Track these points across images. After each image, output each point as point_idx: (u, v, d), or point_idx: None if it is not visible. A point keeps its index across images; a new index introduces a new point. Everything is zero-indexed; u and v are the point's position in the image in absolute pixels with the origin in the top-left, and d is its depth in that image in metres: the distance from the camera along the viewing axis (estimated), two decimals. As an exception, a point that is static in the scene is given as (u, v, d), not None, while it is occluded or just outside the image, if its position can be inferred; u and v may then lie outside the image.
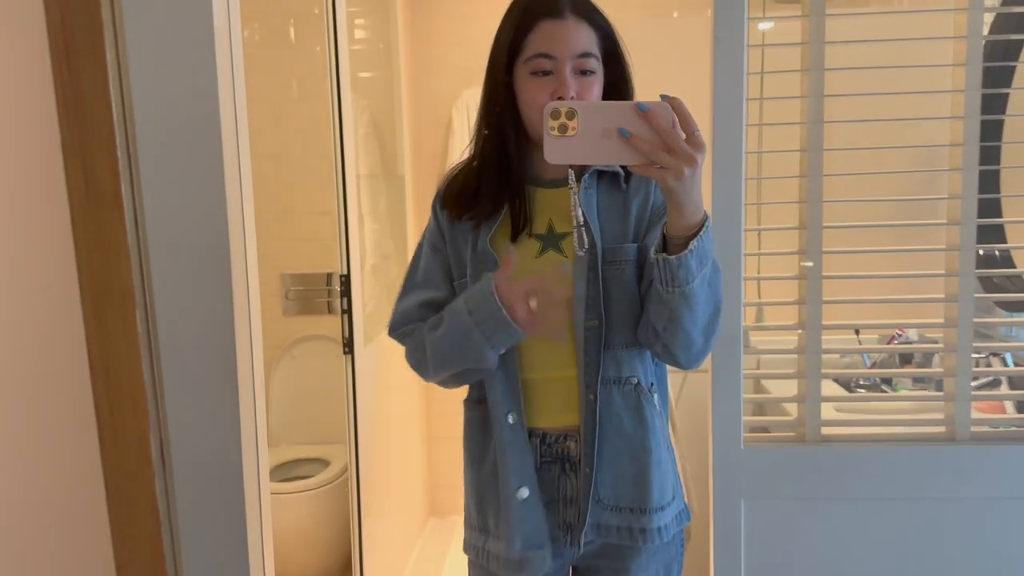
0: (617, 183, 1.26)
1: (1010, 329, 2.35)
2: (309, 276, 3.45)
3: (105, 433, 1.36)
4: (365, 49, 3.28)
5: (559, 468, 1.29)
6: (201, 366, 1.45)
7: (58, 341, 1.37)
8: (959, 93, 1.56)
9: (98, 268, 1.32)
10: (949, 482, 1.59)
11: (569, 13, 1.17)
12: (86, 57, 1.25)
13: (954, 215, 1.59)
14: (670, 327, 1.15)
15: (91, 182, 1.29)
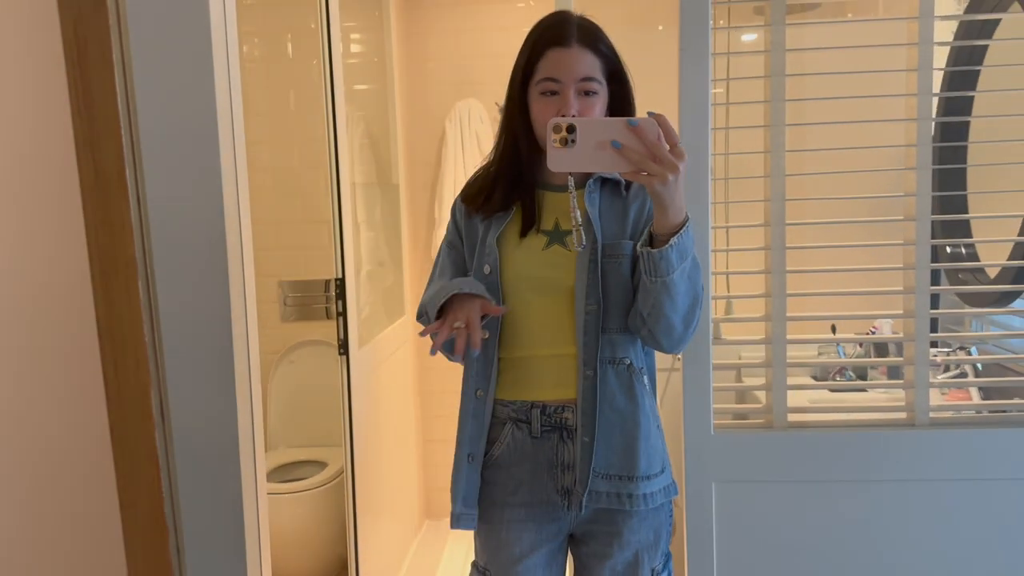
0: (618, 190, 1.44)
1: (982, 324, 2.44)
2: (307, 283, 3.54)
3: (111, 388, 1.54)
4: (360, 62, 3.38)
5: (557, 436, 1.43)
6: (196, 331, 1.61)
7: (69, 306, 1.56)
8: (912, 97, 1.65)
9: (105, 243, 1.51)
10: (909, 465, 1.67)
11: (575, 42, 1.36)
12: (96, 61, 1.44)
13: (910, 212, 1.68)
14: (653, 313, 1.32)
15: (99, 168, 1.48)
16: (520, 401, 1.45)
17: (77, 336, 1.56)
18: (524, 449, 1.45)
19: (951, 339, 2.05)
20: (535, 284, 1.42)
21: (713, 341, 1.68)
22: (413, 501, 3.39)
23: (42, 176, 1.50)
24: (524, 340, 1.45)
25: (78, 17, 1.40)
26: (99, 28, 1.40)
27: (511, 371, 1.47)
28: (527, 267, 1.42)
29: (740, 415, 1.81)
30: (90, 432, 1.58)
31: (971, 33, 2.13)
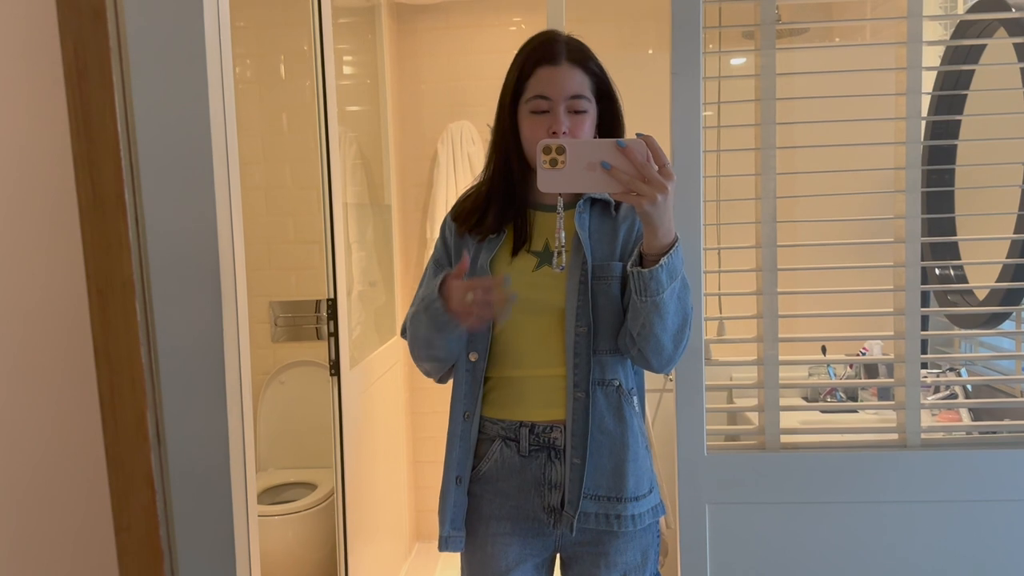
0: (608, 211, 1.45)
1: (971, 345, 2.46)
2: (298, 303, 3.53)
3: (106, 410, 1.53)
4: (353, 84, 3.40)
5: (545, 456, 1.43)
6: (193, 361, 1.60)
7: (66, 326, 1.55)
8: (901, 120, 1.67)
9: (102, 263, 1.50)
10: (901, 486, 1.68)
11: (564, 60, 1.37)
12: (95, 81, 1.45)
13: (900, 234, 1.69)
14: (643, 333, 1.32)
15: (98, 189, 1.48)
16: (509, 420, 1.45)
17: (73, 357, 1.56)
18: (512, 466, 1.45)
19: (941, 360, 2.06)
20: (525, 305, 1.41)
21: (705, 362, 1.69)
22: (403, 523, 3.37)
23: (40, 196, 1.51)
24: (514, 360, 1.44)
25: (78, 37, 1.40)
26: (99, 48, 1.40)
27: (500, 390, 1.46)
28: (517, 288, 1.41)
29: (732, 436, 1.81)
30: (85, 455, 1.57)
31: (957, 58, 2.16)
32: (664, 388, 2.74)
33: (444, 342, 1.41)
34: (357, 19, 3.34)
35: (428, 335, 1.41)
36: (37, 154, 1.49)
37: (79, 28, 1.40)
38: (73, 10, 1.39)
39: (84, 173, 1.46)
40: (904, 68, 1.66)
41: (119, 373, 1.50)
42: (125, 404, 1.51)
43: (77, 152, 1.46)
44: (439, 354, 1.45)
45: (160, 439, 1.57)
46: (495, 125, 1.47)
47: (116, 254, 1.48)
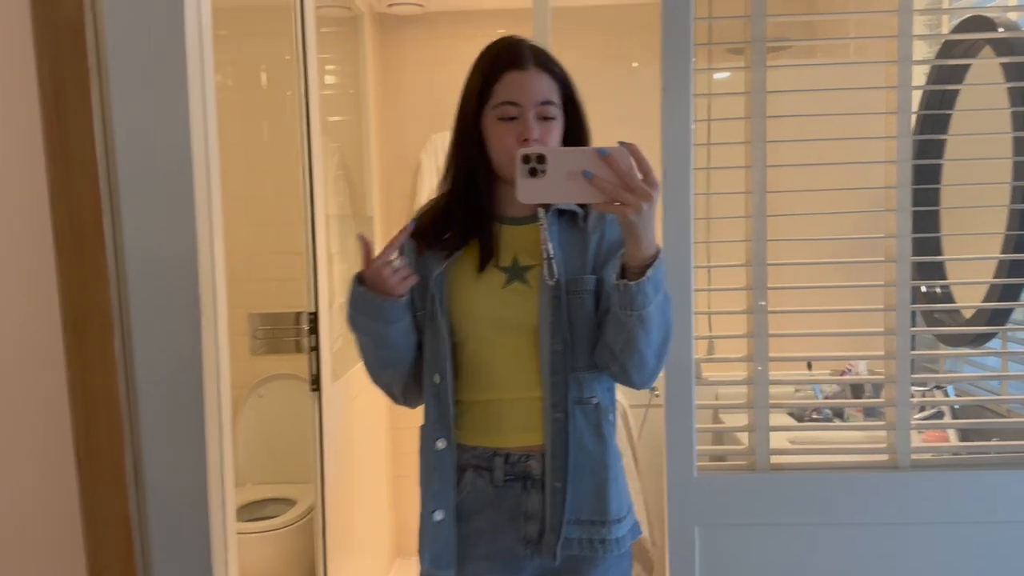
0: (576, 221, 1.39)
1: (956, 363, 2.46)
2: (278, 315, 3.47)
3: (81, 451, 1.43)
4: (336, 94, 3.36)
5: (520, 486, 1.37)
6: (172, 395, 1.52)
7: (38, 362, 1.46)
8: (892, 139, 1.66)
9: (78, 295, 1.41)
10: (892, 507, 1.66)
11: (531, 65, 1.32)
12: (73, 103, 1.36)
13: (890, 253, 1.68)
14: (626, 348, 1.28)
15: (75, 217, 1.39)
16: (482, 448, 1.38)
17: (45, 395, 1.46)
18: (485, 498, 1.38)
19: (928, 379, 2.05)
20: (496, 324, 1.36)
21: (696, 381, 1.66)
22: (383, 539, 3.32)
23: (10, 224, 1.42)
24: (486, 382, 1.38)
25: (55, 56, 1.32)
26: (77, 68, 1.32)
27: (472, 415, 1.39)
28: (487, 306, 1.36)
29: (718, 456, 1.79)
30: (58, 499, 1.47)
31: (942, 77, 2.16)
32: (650, 404, 2.73)
33: (391, 331, 1.34)
34: (340, 29, 3.30)
35: (372, 332, 1.34)
36: (8, 179, 1.40)
37: (56, 45, 1.32)
38: (49, 26, 1.31)
39: (60, 199, 1.37)
40: (895, 87, 1.65)
41: (95, 414, 1.41)
42: (101, 447, 1.42)
43: (53, 177, 1.38)
44: (392, 352, 1.37)
45: (138, 482, 1.48)
46: (456, 133, 1.40)
47: (94, 286, 1.40)
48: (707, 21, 1.72)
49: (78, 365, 1.41)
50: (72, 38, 1.32)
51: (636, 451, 2.58)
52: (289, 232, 3.44)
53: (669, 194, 1.64)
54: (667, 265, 1.63)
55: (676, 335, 1.64)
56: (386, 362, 1.40)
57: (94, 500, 1.41)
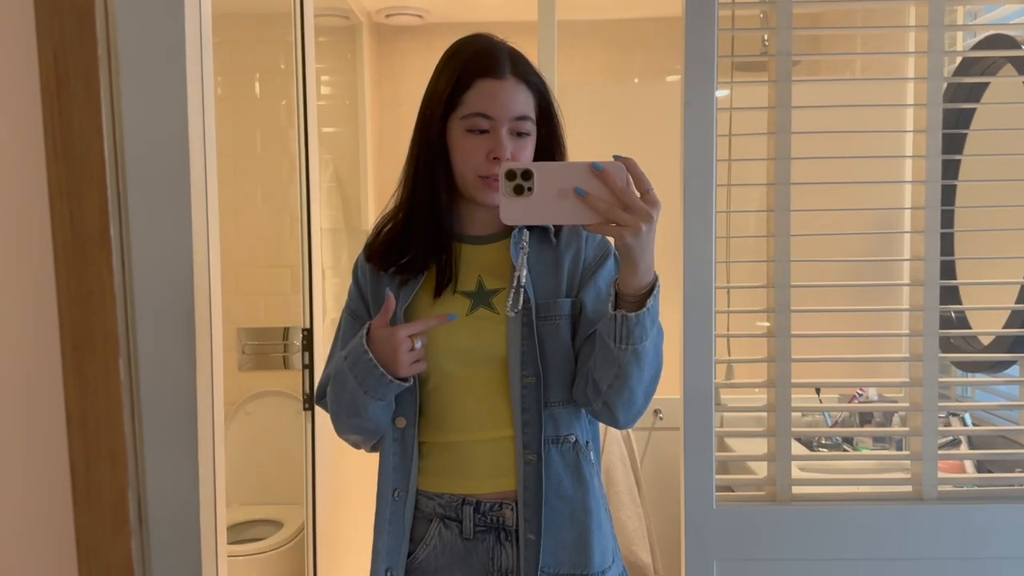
0: (547, 238, 1.25)
1: (965, 389, 2.40)
2: (266, 330, 3.38)
3: (79, 491, 1.28)
4: (330, 105, 3.29)
5: (493, 538, 1.23)
6: (168, 417, 1.39)
7: (32, 390, 1.30)
8: (920, 159, 1.61)
9: (80, 313, 1.26)
10: (919, 542, 1.59)
11: (509, 74, 1.18)
12: (78, 95, 1.21)
13: (917, 276, 1.62)
14: (616, 384, 1.14)
15: (77, 224, 1.24)
16: (449, 495, 1.24)
17: (39, 427, 1.30)
18: (453, 552, 1.24)
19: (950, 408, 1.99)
20: (461, 356, 1.22)
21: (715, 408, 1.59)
22: (373, 563, 3.22)
23: (5, 232, 1.27)
24: (451, 423, 1.24)
25: (59, 43, 1.17)
26: (84, 56, 1.17)
27: (436, 457, 1.25)
28: (450, 337, 1.21)
29: (726, 486, 1.70)
30: (51, 545, 1.31)
31: (959, 96, 2.12)
32: (653, 427, 2.65)
33: (374, 407, 1.19)
34: (337, 38, 3.24)
35: (355, 399, 1.18)
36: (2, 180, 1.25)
37: (61, 31, 1.17)
38: (54, 10, 1.17)
39: (61, 205, 1.21)
40: (924, 105, 1.59)
41: (96, 446, 1.25)
42: (103, 482, 1.26)
43: (53, 179, 1.22)
44: (367, 424, 1.22)
45: (142, 521, 1.33)
46: (416, 141, 1.25)
47: (98, 302, 1.24)
48: (730, 33, 1.66)
49: (78, 391, 1.26)
50: (79, 24, 1.18)
51: (640, 476, 2.50)
52: (278, 245, 3.37)
53: (691, 212, 1.57)
54: (688, 286, 1.58)
55: (696, 358, 1.58)
56: (361, 430, 1.25)
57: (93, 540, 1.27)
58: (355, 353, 1.16)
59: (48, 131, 1.22)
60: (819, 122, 1.62)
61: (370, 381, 1.15)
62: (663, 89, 3.40)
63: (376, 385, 1.16)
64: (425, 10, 3.31)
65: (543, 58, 2.34)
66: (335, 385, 1.21)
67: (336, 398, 1.22)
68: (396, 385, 1.16)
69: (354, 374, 1.16)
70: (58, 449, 1.31)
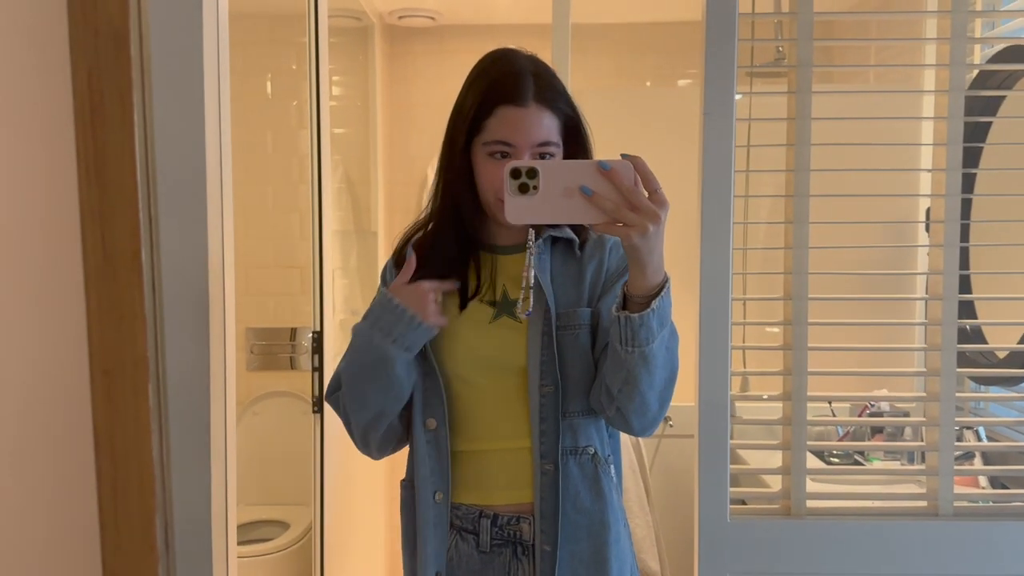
0: (571, 249, 1.26)
1: (979, 403, 2.39)
2: (274, 331, 3.38)
3: (106, 516, 1.27)
4: (341, 106, 3.29)
5: (510, 552, 1.23)
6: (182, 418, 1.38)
7: (59, 415, 1.28)
8: (940, 172, 1.60)
9: (111, 338, 1.25)
10: (934, 558, 1.58)
11: (532, 101, 1.17)
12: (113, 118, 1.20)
13: (935, 290, 1.61)
14: (626, 389, 1.13)
15: (109, 247, 1.23)
16: (467, 506, 1.25)
17: (67, 453, 1.28)
18: (470, 565, 1.24)
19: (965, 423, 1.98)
20: (482, 363, 1.23)
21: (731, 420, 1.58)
22: (381, 566, 3.22)
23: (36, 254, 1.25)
24: (472, 431, 1.25)
25: (94, 66, 1.16)
26: (119, 78, 1.16)
27: (455, 467, 1.26)
28: (471, 345, 1.23)
29: (739, 499, 1.69)
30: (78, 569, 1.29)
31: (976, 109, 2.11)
32: (663, 434, 2.64)
33: (400, 362, 1.17)
34: (348, 39, 3.23)
35: (381, 356, 1.17)
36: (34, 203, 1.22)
37: (95, 53, 1.16)
38: (89, 31, 1.15)
39: (93, 228, 1.20)
40: (945, 118, 1.58)
41: (125, 471, 1.24)
42: (130, 507, 1.24)
43: (85, 203, 1.20)
44: (391, 389, 1.19)
45: (169, 545, 1.31)
46: (442, 161, 1.27)
47: (129, 327, 1.22)
48: (750, 43, 1.65)
49: (106, 416, 1.24)
50: (114, 46, 1.17)
51: (648, 483, 2.49)
52: (288, 246, 3.37)
53: (708, 222, 1.56)
54: (704, 296, 1.57)
55: (712, 370, 1.57)
56: (372, 406, 1.22)
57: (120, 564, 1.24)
58: (379, 306, 1.18)
59: (81, 154, 1.20)
60: (836, 133, 1.61)
61: (399, 327, 1.15)
62: (675, 93, 3.39)
63: (406, 330, 1.16)
64: (438, 12, 3.30)
65: (557, 61, 2.33)
66: (352, 357, 1.22)
67: (355, 371, 1.21)
68: (425, 329, 1.17)
69: (379, 327, 1.16)
70: (86, 474, 1.29)
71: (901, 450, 2.18)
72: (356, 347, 1.22)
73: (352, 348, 1.23)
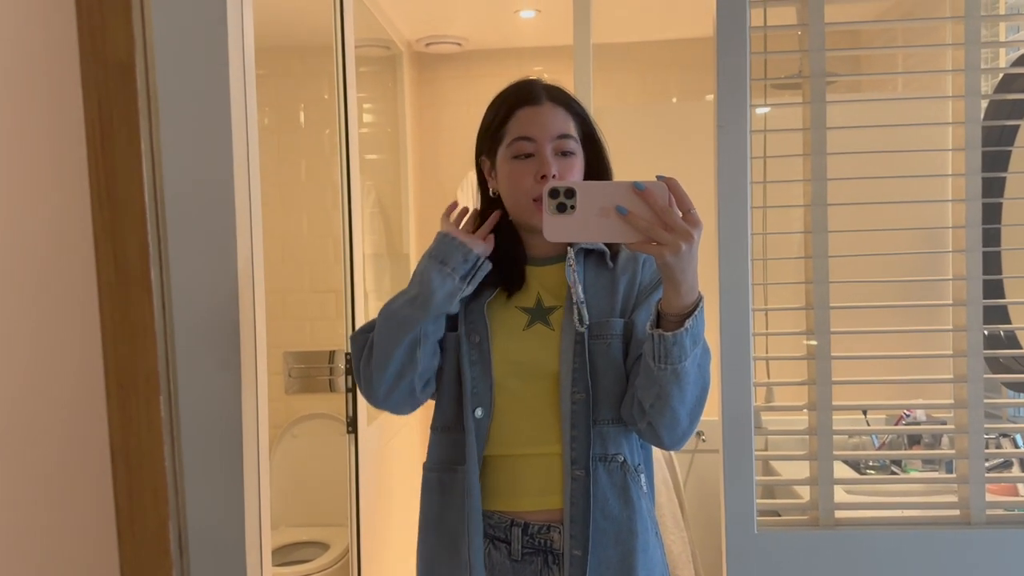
0: (604, 261, 1.29)
1: (1018, 410, 2.34)
2: (312, 354, 3.44)
3: (123, 522, 1.33)
4: (372, 132, 3.36)
5: (541, 561, 1.25)
6: (211, 443, 1.43)
7: (79, 427, 1.34)
8: (960, 177, 1.59)
9: (124, 352, 1.31)
10: (966, 567, 1.55)
11: (546, 99, 1.25)
12: (122, 144, 1.28)
13: (960, 296, 1.60)
14: (658, 405, 1.16)
15: (121, 265, 1.30)
16: (499, 514, 1.27)
17: (85, 462, 1.34)
18: (502, 573, 1.27)
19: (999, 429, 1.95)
20: (515, 369, 1.26)
21: (755, 431, 1.58)
22: (418, 585, 3.23)
23: (53, 274, 1.31)
24: (504, 436, 1.26)
25: (104, 93, 1.25)
26: (127, 106, 1.25)
27: (491, 474, 1.28)
28: (508, 350, 1.26)
29: (770, 511, 1.68)
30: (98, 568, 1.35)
31: (1001, 113, 2.09)
32: (696, 449, 2.64)
33: (443, 293, 1.19)
34: (378, 68, 3.31)
35: (426, 284, 1.20)
36: (51, 224, 1.30)
37: (105, 83, 1.25)
38: (99, 62, 1.24)
39: (106, 248, 1.28)
40: (963, 123, 1.58)
41: (139, 480, 1.30)
42: (146, 514, 1.31)
43: (98, 224, 1.28)
44: (427, 321, 1.21)
45: (183, 551, 1.37)
46: (478, 178, 1.37)
47: (141, 342, 1.29)
48: (763, 56, 1.66)
49: (121, 427, 1.30)
50: (121, 76, 1.25)
51: (683, 499, 2.48)
52: (324, 270, 3.44)
53: (725, 234, 1.57)
54: (724, 309, 1.57)
55: (734, 382, 1.58)
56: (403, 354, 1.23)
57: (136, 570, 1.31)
58: (437, 242, 1.24)
59: (93, 178, 1.28)
60: (857, 142, 1.61)
61: (452, 254, 1.21)
62: (702, 108, 3.40)
63: (457, 255, 1.21)
64: (464, 38, 3.37)
65: (579, 82, 2.37)
66: (395, 299, 1.25)
67: (394, 304, 1.25)
68: (475, 256, 1.22)
69: (434, 255, 1.22)
70: (103, 483, 1.35)
71: (938, 459, 2.15)
72: (398, 296, 1.26)
73: (396, 296, 1.26)
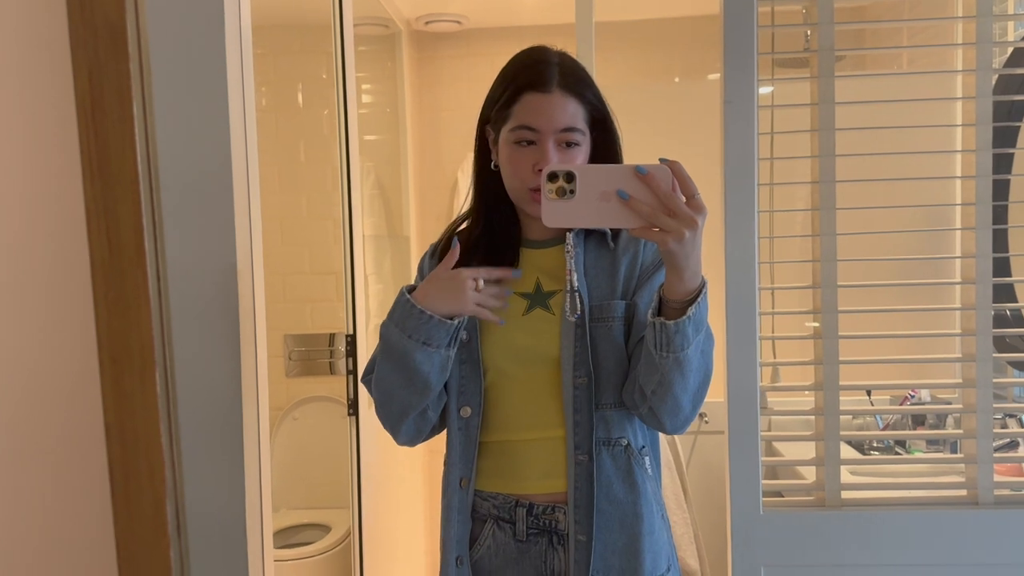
0: (605, 242, 1.26)
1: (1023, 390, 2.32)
2: (312, 336, 3.42)
3: (118, 500, 1.31)
4: (371, 113, 3.32)
5: (546, 541, 1.24)
6: (210, 425, 1.41)
7: (71, 402, 1.32)
8: (970, 153, 1.56)
9: (117, 326, 1.28)
10: (975, 547, 1.54)
11: (556, 87, 1.18)
12: (113, 114, 1.23)
13: (969, 274, 1.58)
14: (659, 391, 1.14)
15: (113, 239, 1.27)
16: (503, 495, 1.26)
17: (79, 438, 1.32)
18: (507, 554, 1.25)
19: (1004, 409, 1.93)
20: (516, 354, 1.24)
21: (761, 411, 1.56)
22: (420, 567, 3.24)
23: (44, 247, 1.29)
24: (506, 421, 1.25)
25: (94, 63, 1.19)
26: (118, 76, 1.19)
27: (491, 457, 1.27)
28: (507, 335, 1.24)
29: (774, 491, 1.66)
30: (92, 554, 1.33)
31: (1011, 88, 2.06)
32: (699, 431, 2.62)
33: (421, 355, 1.16)
34: (377, 47, 3.27)
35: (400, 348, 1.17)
36: (42, 197, 1.27)
37: (95, 51, 1.19)
38: (88, 29, 1.19)
39: (98, 221, 1.24)
40: (974, 98, 1.55)
41: (135, 456, 1.28)
42: (141, 491, 1.28)
43: (90, 196, 1.24)
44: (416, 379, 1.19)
45: (181, 529, 1.35)
46: (475, 155, 1.31)
47: (135, 315, 1.26)
48: (770, 29, 1.63)
49: (115, 402, 1.28)
50: (112, 43, 1.20)
51: (686, 481, 2.47)
52: (323, 252, 3.41)
53: (731, 212, 1.55)
54: (730, 287, 1.55)
55: (740, 362, 1.56)
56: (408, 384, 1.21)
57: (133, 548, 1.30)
58: (398, 306, 1.18)
59: (84, 150, 1.24)
60: (865, 117, 1.58)
61: (411, 322, 1.15)
62: (704, 87, 3.36)
63: (417, 324, 1.15)
64: (463, 16, 3.32)
65: (582, 59, 2.33)
66: (383, 347, 1.22)
67: (382, 366, 1.22)
68: (437, 323, 1.15)
69: (394, 321, 1.17)
70: (98, 459, 1.33)
71: (943, 439, 2.13)
72: (384, 342, 1.22)
73: (381, 340, 1.24)
